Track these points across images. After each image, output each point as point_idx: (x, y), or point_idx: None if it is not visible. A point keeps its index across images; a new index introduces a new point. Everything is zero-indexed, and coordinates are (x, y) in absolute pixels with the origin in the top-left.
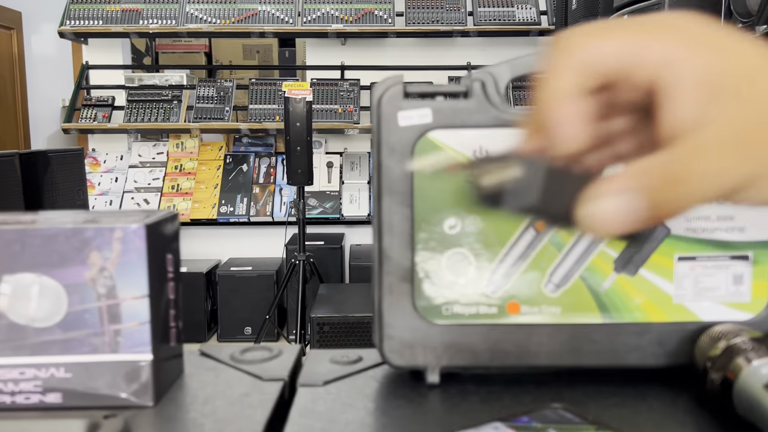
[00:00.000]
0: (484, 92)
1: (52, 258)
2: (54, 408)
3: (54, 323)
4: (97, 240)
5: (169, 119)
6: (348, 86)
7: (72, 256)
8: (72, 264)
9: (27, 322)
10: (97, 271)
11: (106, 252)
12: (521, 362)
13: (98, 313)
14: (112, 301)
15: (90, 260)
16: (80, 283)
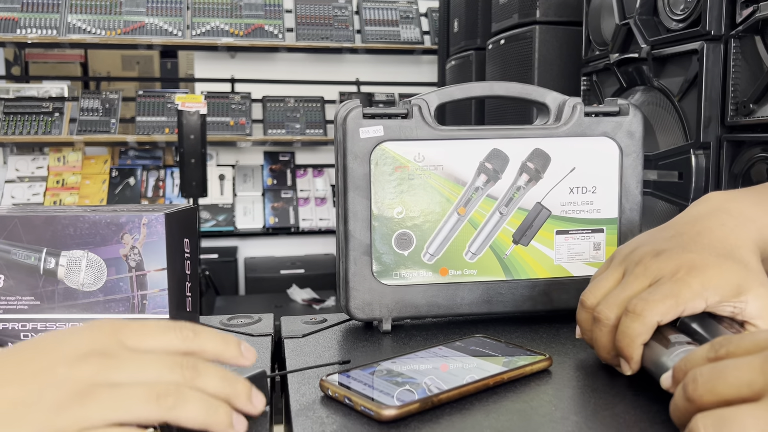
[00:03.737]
0: (420, 114)
1: (96, 238)
2: None
3: (97, 288)
4: (129, 225)
5: (50, 132)
6: (239, 99)
7: (110, 237)
8: (110, 243)
9: (77, 287)
10: (129, 249)
11: (136, 234)
12: (450, 312)
13: (129, 282)
14: (140, 272)
15: (124, 240)
16: (116, 258)
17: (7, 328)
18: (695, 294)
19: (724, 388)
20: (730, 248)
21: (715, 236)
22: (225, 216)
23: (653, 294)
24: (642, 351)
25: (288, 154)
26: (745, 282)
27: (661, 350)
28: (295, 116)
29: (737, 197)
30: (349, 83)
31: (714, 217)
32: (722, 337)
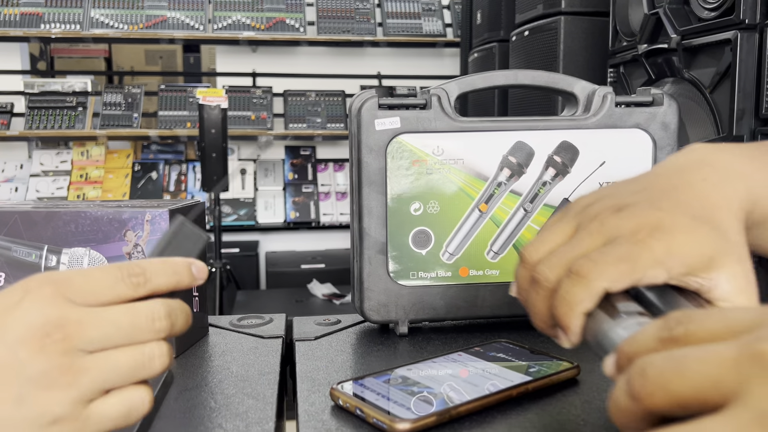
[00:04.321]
0: (439, 104)
1: (98, 235)
2: None
3: None
4: (132, 221)
5: (74, 126)
6: (261, 93)
7: (113, 234)
8: (113, 240)
9: None
10: (132, 246)
11: (139, 231)
12: (470, 314)
13: None
14: None
15: (126, 237)
16: (119, 256)
17: None
18: (656, 261)
19: (682, 386)
20: (710, 209)
21: (694, 192)
22: (246, 210)
23: (605, 255)
24: (584, 321)
25: (309, 148)
26: (719, 254)
27: (606, 321)
28: (316, 110)
29: (726, 149)
30: (371, 77)
31: (695, 170)
32: (681, 312)
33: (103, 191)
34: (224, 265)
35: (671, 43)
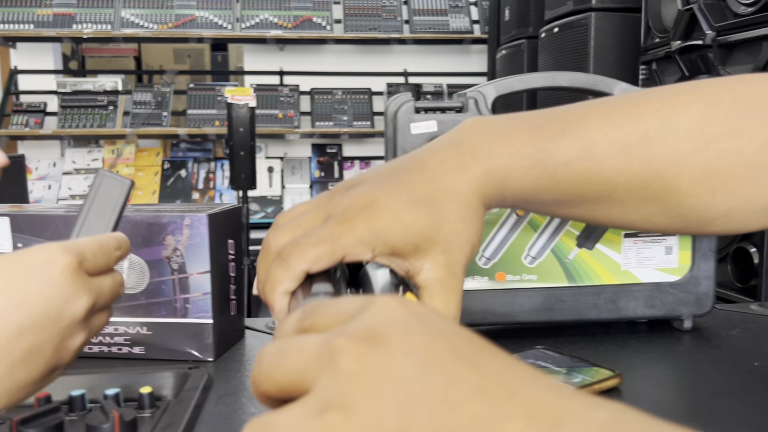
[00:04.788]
0: (476, 107)
1: (138, 240)
2: (138, 358)
3: (140, 291)
4: (171, 226)
5: (105, 125)
6: (288, 91)
7: (152, 238)
8: (152, 245)
9: None
10: (172, 250)
11: (178, 236)
12: (507, 320)
13: (172, 285)
14: (183, 275)
15: (166, 242)
16: (159, 260)
17: None
18: (359, 241)
19: (281, 374)
20: (432, 194)
21: (425, 175)
22: (274, 208)
23: (308, 237)
24: (287, 302)
25: (335, 146)
26: (425, 242)
27: (300, 301)
28: (343, 108)
29: (492, 125)
30: (397, 74)
31: (441, 151)
32: (315, 303)
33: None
34: (252, 262)
35: (706, 40)
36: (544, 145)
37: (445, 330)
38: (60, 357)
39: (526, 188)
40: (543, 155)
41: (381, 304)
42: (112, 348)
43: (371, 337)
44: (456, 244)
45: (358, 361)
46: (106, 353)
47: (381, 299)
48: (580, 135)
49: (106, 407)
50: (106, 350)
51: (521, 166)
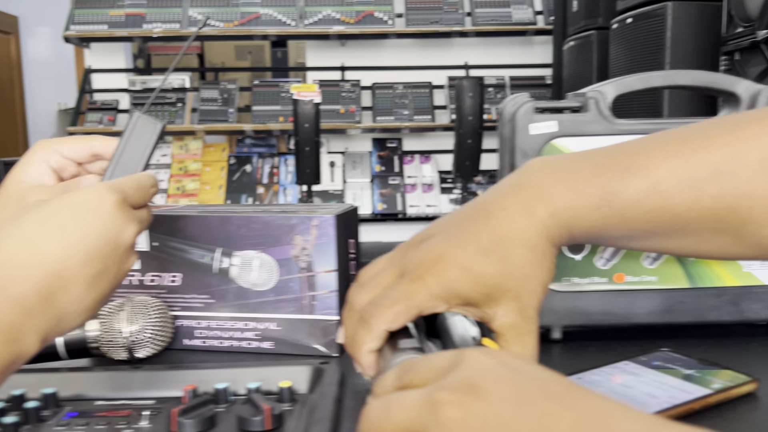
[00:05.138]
0: (596, 107)
1: (268, 239)
2: (267, 352)
3: (269, 288)
4: (300, 226)
5: (174, 122)
6: (349, 87)
7: (282, 238)
8: (282, 244)
9: (249, 287)
10: (300, 250)
11: (306, 236)
12: (626, 321)
13: (300, 283)
14: (310, 273)
15: (294, 242)
16: (288, 259)
17: (182, 325)
18: (432, 296)
19: (390, 427)
20: (499, 241)
21: (491, 223)
22: (336, 201)
23: (384, 298)
24: (374, 358)
25: (395, 140)
26: (497, 290)
27: (388, 357)
28: (404, 102)
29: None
30: (458, 67)
31: (504, 197)
32: (410, 360)
33: (201, 183)
34: None
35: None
36: (609, 184)
37: (533, 374)
38: (119, 278)
39: (594, 227)
40: (609, 195)
41: (471, 358)
42: (242, 343)
43: (469, 388)
44: (527, 288)
45: (460, 409)
46: (236, 348)
47: (469, 354)
48: (646, 172)
49: (256, 400)
50: (236, 345)
51: (587, 207)
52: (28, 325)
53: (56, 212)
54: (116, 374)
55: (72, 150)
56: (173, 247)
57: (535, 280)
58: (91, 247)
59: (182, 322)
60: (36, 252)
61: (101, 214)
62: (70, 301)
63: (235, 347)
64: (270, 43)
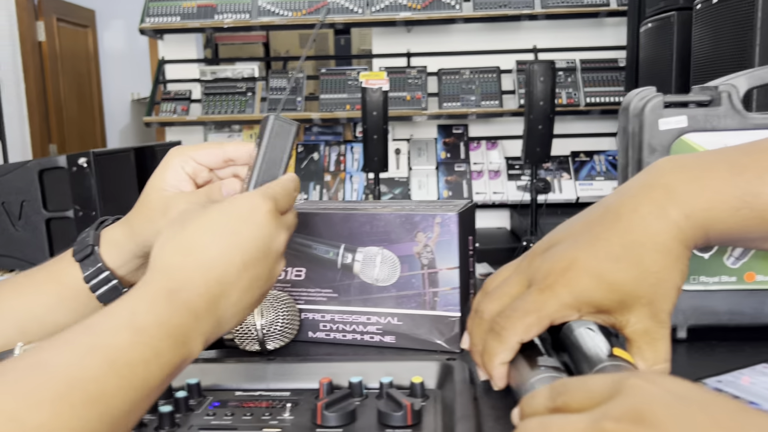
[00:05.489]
0: (729, 101)
1: (391, 236)
2: (389, 346)
3: (391, 284)
4: (423, 224)
5: (244, 111)
6: (416, 73)
7: (404, 235)
8: (404, 241)
9: (372, 282)
10: (422, 247)
11: (429, 233)
12: (756, 321)
13: (422, 279)
14: (432, 270)
15: (417, 239)
16: (410, 255)
17: (307, 318)
18: (563, 305)
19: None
20: (630, 245)
21: (619, 227)
22: (401, 189)
23: (515, 310)
24: (506, 370)
25: (461, 126)
26: (630, 296)
27: (526, 372)
28: (470, 88)
29: (686, 165)
30: (526, 51)
31: (633, 198)
32: (562, 382)
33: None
34: None
35: None
36: (749, 186)
37: (701, 401)
38: (270, 283)
39: (732, 229)
40: (749, 196)
41: (634, 385)
42: (365, 336)
43: (637, 417)
44: (660, 293)
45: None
46: (359, 341)
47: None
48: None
49: (395, 396)
50: (359, 338)
51: (725, 208)
52: (196, 329)
53: (215, 220)
54: (251, 366)
55: (206, 156)
56: (298, 242)
57: (668, 284)
58: (248, 254)
59: (307, 315)
60: (199, 258)
61: (256, 222)
62: (229, 305)
63: (358, 341)
64: (333, 31)
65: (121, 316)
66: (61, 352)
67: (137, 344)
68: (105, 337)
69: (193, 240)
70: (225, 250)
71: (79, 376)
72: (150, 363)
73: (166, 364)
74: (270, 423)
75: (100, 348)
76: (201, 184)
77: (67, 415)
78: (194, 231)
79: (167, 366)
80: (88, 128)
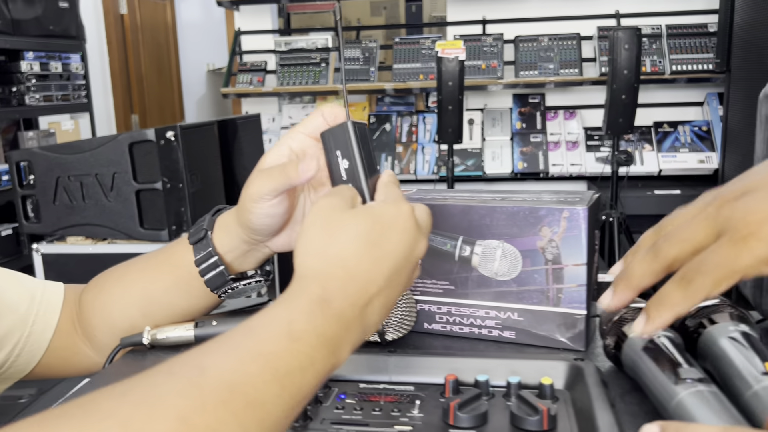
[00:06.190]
0: None
1: (513, 229)
2: (507, 342)
3: (511, 278)
4: (548, 218)
5: (318, 82)
6: (491, 41)
7: (527, 229)
8: (527, 235)
9: (491, 276)
10: (547, 241)
11: (555, 227)
12: None
13: (545, 274)
14: (557, 266)
15: (542, 233)
16: (533, 250)
17: (423, 309)
18: (759, 261)
19: None
20: None
21: None
22: (474, 161)
23: (705, 263)
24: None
25: (538, 96)
26: None
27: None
28: (549, 56)
29: None
30: (609, 17)
31: None
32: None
33: None
34: None
35: None
36: None
37: None
38: (406, 288)
39: None
40: None
41: None
42: (483, 330)
43: None
44: None
45: None
46: (476, 335)
47: None
48: None
49: (528, 399)
50: (477, 332)
51: None
52: (346, 338)
53: (364, 229)
54: (372, 357)
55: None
56: None
57: None
58: (395, 263)
59: (423, 307)
60: (351, 269)
61: (403, 229)
62: (373, 313)
63: (476, 334)
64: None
65: (280, 323)
66: (225, 358)
67: (296, 352)
68: (266, 344)
69: (344, 250)
70: (375, 261)
71: (242, 382)
72: (306, 371)
73: (319, 372)
74: (401, 420)
75: (262, 355)
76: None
77: (229, 420)
78: (344, 241)
79: (320, 374)
80: (167, 99)
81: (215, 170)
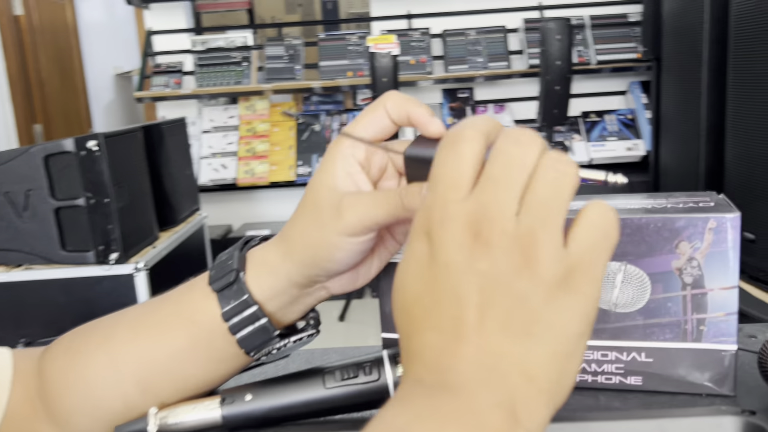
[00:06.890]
0: None
1: (640, 247)
2: (633, 390)
3: (635, 309)
4: (689, 230)
5: (240, 82)
6: (418, 35)
7: (660, 245)
8: (659, 253)
9: (609, 307)
10: (685, 260)
11: (697, 242)
12: None
13: (682, 302)
14: (698, 290)
15: (679, 250)
16: (666, 272)
17: None
18: None
19: None
20: None
21: None
22: None
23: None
24: None
25: (467, 90)
26: None
27: None
28: (477, 50)
29: None
30: (533, 8)
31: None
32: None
33: (270, 144)
34: None
35: None
36: None
37: None
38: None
39: None
40: None
41: None
42: (600, 378)
43: None
44: None
45: None
46: (591, 383)
47: None
48: None
49: None
50: (591, 380)
51: None
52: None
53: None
54: None
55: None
56: None
57: None
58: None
59: None
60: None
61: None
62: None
63: (589, 383)
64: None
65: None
66: None
67: None
68: None
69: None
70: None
71: None
72: None
73: None
74: None
75: None
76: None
77: None
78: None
79: None
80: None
81: (143, 181)
